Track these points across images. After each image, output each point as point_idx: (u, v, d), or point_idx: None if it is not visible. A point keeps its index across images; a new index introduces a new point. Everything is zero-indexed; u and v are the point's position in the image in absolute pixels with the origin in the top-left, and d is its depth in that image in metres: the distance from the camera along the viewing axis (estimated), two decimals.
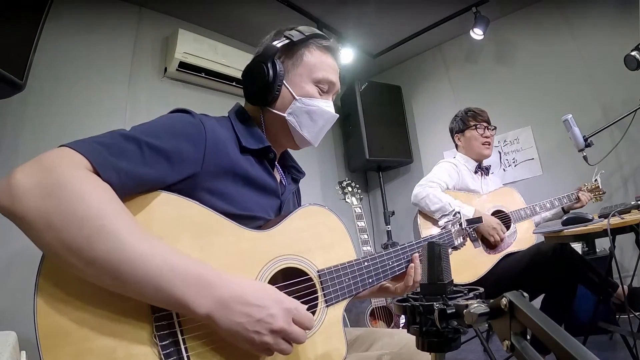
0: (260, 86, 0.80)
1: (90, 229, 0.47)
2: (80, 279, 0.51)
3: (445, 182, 1.74)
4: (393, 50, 3.17)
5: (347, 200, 2.03)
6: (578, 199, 1.83)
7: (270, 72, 0.79)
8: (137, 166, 0.57)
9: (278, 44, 0.80)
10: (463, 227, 1.05)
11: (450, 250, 1.03)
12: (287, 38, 0.81)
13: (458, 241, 1.04)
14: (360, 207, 2.03)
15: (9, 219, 0.48)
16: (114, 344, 0.52)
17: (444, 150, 3.10)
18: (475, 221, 1.10)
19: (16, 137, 1.74)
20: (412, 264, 0.87)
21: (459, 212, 1.08)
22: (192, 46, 2.30)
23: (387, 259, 0.85)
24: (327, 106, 0.85)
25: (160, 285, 0.50)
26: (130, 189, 0.56)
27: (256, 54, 0.85)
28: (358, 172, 3.49)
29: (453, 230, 1.04)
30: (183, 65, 2.30)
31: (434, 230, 1.67)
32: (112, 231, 0.49)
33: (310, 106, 0.82)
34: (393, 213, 3.07)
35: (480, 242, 1.64)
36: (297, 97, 0.81)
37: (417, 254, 0.89)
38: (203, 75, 2.40)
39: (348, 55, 2.85)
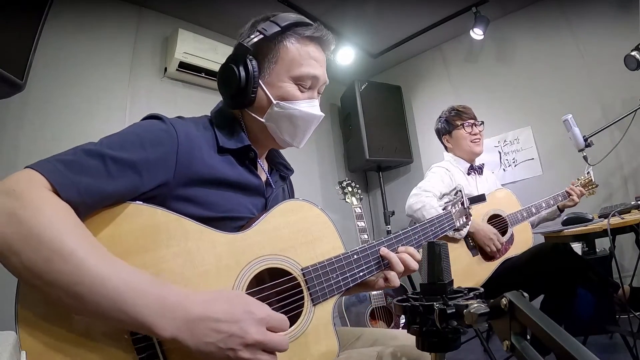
0: (233, 90, 0.75)
1: (48, 252, 0.47)
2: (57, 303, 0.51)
3: (440, 191, 1.69)
4: (393, 50, 3.16)
5: (347, 200, 2.03)
6: (569, 194, 1.80)
7: (242, 74, 0.73)
8: (100, 181, 0.55)
9: (250, 41, 0.73)
10: (465, 206, 1.00)
11: (452, 232, 0.99)
12: (260, 33, 0.73)
13: (460, 222, 0.99)
14: (360, 207, 2.03)
15: None
16: None
17: (444, 151, 3.09)
18: (478, 199, 1.06)
19: (16, 137, 1.74)
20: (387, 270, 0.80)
21: (460, 191, 1.03)
22: (192, 46, 2.30)
23: (380, 249, 0.80)
24: (309, 107, 0.78)
25: (121, 307, 0.49)
26: (93, 205, 0.55)
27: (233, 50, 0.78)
28: (358, 172, 3.48)
29: (454, 210, 0.99)
30: (183, 65, 2.30)
31: None
32: (68, 253, 0.48)
33: (290, 109, 0.76)
34: (393, 213, 3.07)
35: (478, 250, 1.62)
36: (274, 102, 0.75)
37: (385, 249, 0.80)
38: (203, 75, 2.39)
39: (348, 55, 2.85)
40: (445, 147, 1.96)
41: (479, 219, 1.65)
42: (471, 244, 1.61)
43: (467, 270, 1.57)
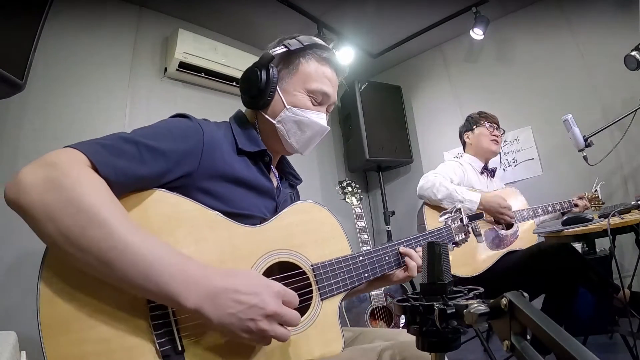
0: (253, 91, 0.83)
1: (84, 219, 0.51)
2: (81, 272, 0.53)
3: (451, 178, 1.75)
4: (393, 50, 3.16)
5: (347, 200, 2.04)
6: (576, 205, 1.88)
7: (263, 77, 0.82)
8: (134, 165, 0.60)
9: (275, 52, 0.82)
10: (464, 223, 1.05)
11: (451, 246, 1.03)
12: (285, 47, 0.83)
13: (459, 237, 1.04)
14: (360, 207, 2.03)
15: (15, 211, 0.53)
16: (111, 334, 0.54)
17: (444, 151, 3.10)
18: (476, 217, 1.10)
19: (16, 137, 1.74)
20: (407, 258, 0.89)
21: (459, 209, 1.07)
22: (192, 46, 2.30)
23: (384, 253, 0.86)
24: (317, 118, 0.86)
25: (148, 275, 0.52)
26: (127, 186, 0.60)
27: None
28: (358, 172, 3.48)
29: (453, 226, 1.03)
30: (183, 65, 2.29)
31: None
32: (103, 221, 0.52)
33: (300, 116, 0.84)
34: (393, 213, 3.06)
35: (483, 237, 1.65)
36: (287, 106, 0.84)
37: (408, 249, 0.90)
38: (203, 75, 2.39)
39: (348, 55, 2.84)
40: (464, 146, 2.03)
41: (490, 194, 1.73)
42: (477, 230, 1.65)
43: (470, 254, 1.60)
